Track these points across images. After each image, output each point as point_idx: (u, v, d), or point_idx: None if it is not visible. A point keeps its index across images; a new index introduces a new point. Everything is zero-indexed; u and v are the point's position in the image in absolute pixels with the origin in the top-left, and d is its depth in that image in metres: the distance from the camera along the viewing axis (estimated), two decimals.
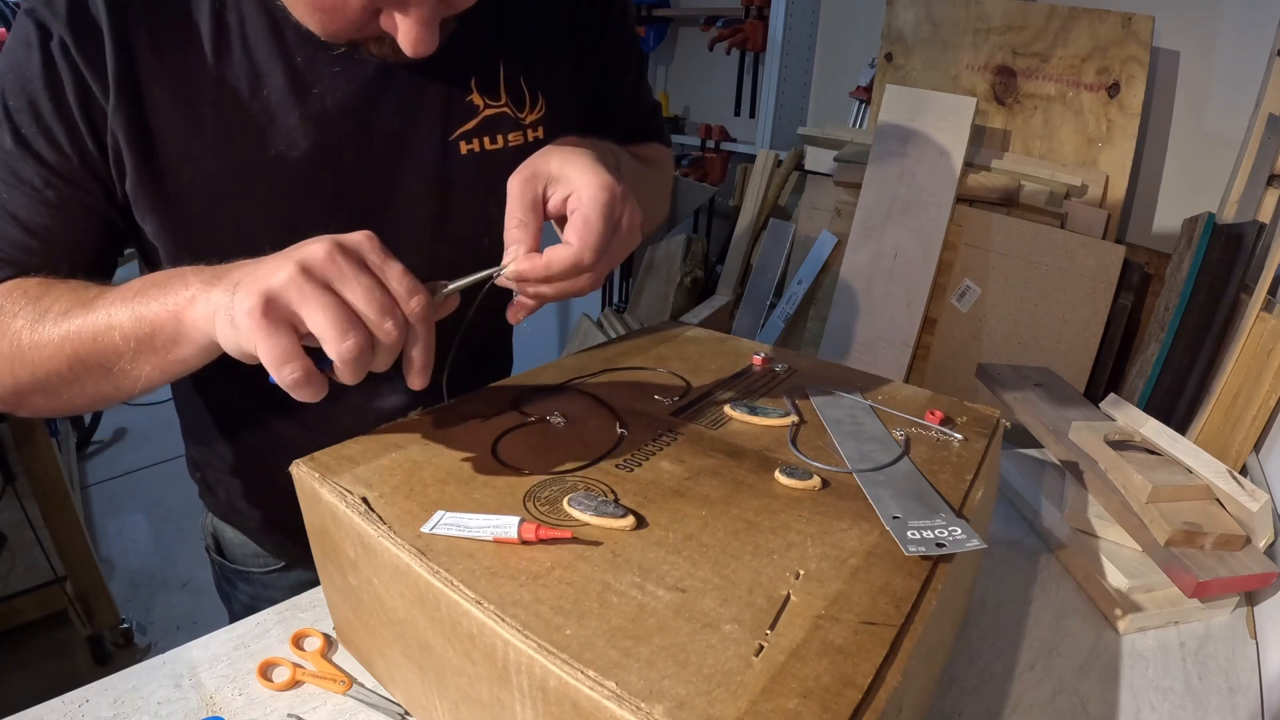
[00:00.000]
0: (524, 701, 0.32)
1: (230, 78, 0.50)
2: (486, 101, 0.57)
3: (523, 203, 0.45)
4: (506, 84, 0.58)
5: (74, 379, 0.46)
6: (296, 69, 0.51)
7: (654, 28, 2.32)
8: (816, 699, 0.28)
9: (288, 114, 0.51)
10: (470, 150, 0.58)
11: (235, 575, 0.76)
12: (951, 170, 1.35)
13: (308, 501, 0.45)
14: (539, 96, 0.60)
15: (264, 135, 0.51)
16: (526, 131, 0.60)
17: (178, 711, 0.46)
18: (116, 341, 0.43)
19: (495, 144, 0.58)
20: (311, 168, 0.53)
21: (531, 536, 0.37)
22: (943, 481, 0.45)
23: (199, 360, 0.44)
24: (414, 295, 0.39)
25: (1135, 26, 1.25)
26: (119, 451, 2.50)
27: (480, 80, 0.57)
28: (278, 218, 0.53)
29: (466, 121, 0.57)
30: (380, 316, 0.38)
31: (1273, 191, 1.02)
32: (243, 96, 0.50)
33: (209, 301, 0.40)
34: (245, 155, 0.51)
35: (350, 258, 0.38)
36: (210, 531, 0.76)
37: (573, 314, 2.67)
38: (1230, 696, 0.53)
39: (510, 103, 0.59)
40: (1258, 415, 0.77)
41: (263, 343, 0.36)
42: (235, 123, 0.51)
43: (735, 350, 0.65)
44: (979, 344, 1.37)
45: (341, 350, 0.37)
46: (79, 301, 0.46)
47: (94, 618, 1.57)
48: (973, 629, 0.57)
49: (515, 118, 0.59)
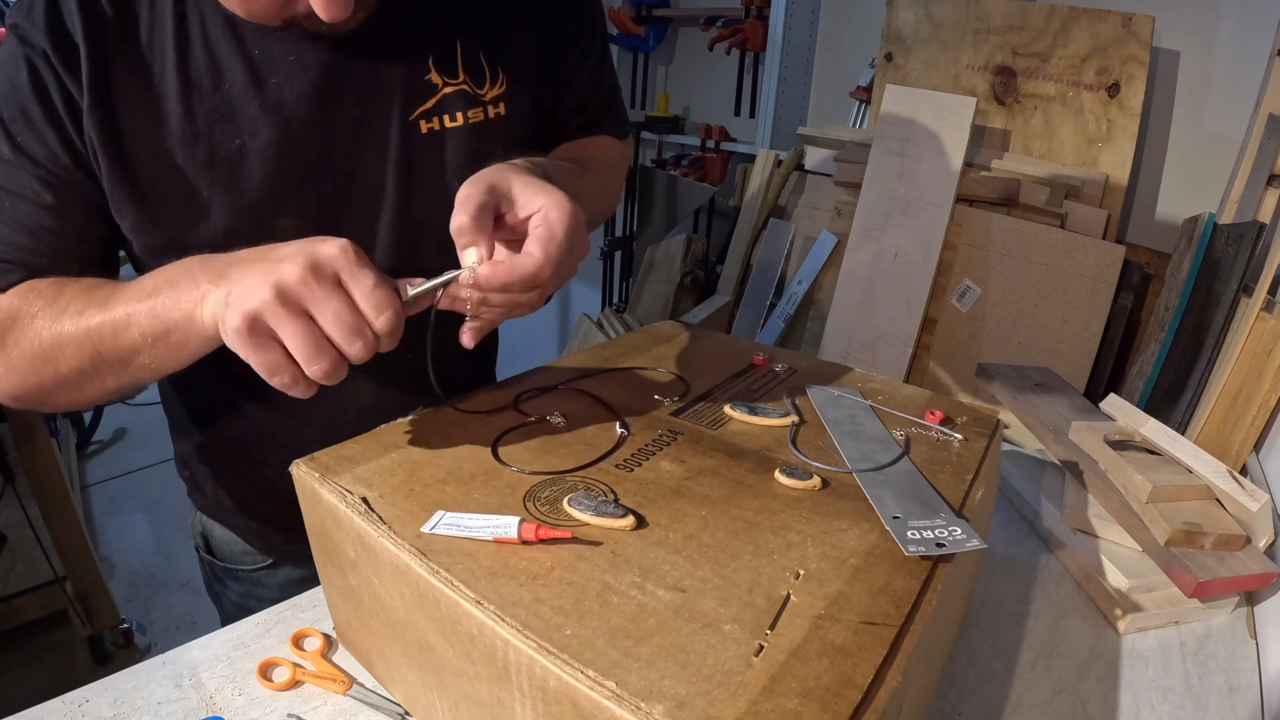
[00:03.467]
0: (524, 701, 0.32)
1: (193, 74, 0.52)
2: (445, 79, 0.58)
3: (476, 208, 0.43)
4: (465, 61, 0.59)
5: (95, 374, 0.49)
6: (254, 62, 0.53)
7: (654, 28, 2.31)
8: (817, 699, 0.28)
9: (248, 105, 0.53)
10: (430, 129, 0.58)
11: (225, 574, 0.76)
12: (951, 170, 1.35)
13: (307, 501, 0.45)
14: (499, 72, 0.60)
15: (227, 127, 0.53)
16: (487, 108, 0.60)
17: (178, 711, 0.46)
18: (135, 338, 0.46)
19: (455, 121, 0.59)
20: (275, 156, 0.55)
21: (532, 536, 0.37)
22: (943, 481, 0.45)
23: (207, 350, 0.46)
24: (382, 313, 0.41)
25: (1135, 26, 1.25)
26: (119, 451, 2.50)
27: (437, 58, 0.57)
28: (247, 206, 0.55)
29: (426, 100, 0.58)
30: (349, 339, 0.40)
31: (1273, 191, 1.02)
32: (205, 91, 0.52)
33: (214, 302, 0.42)
34: (211, 148, 0.53)
35: (323, 278, 0.40)
36: (199, 530, 0.76)
37: (573, 314, 2.68)
38: (1230, 696, 0.53)
39: (469, 80, 0.59)
40: (1258, 415, 0.77)
41: (252, 357, 0.40)
42: (200, 117, 0.53)
43: (735, 350, 0.65)
44: (979, 344, 1.37)
45: (312, 372, 0.40)
46: (95, 301, 0.48)
47: (94, 618, 1.57)
48: (973, 629, 0.57)
49: (475, 94, 0.60)
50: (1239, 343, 0.80)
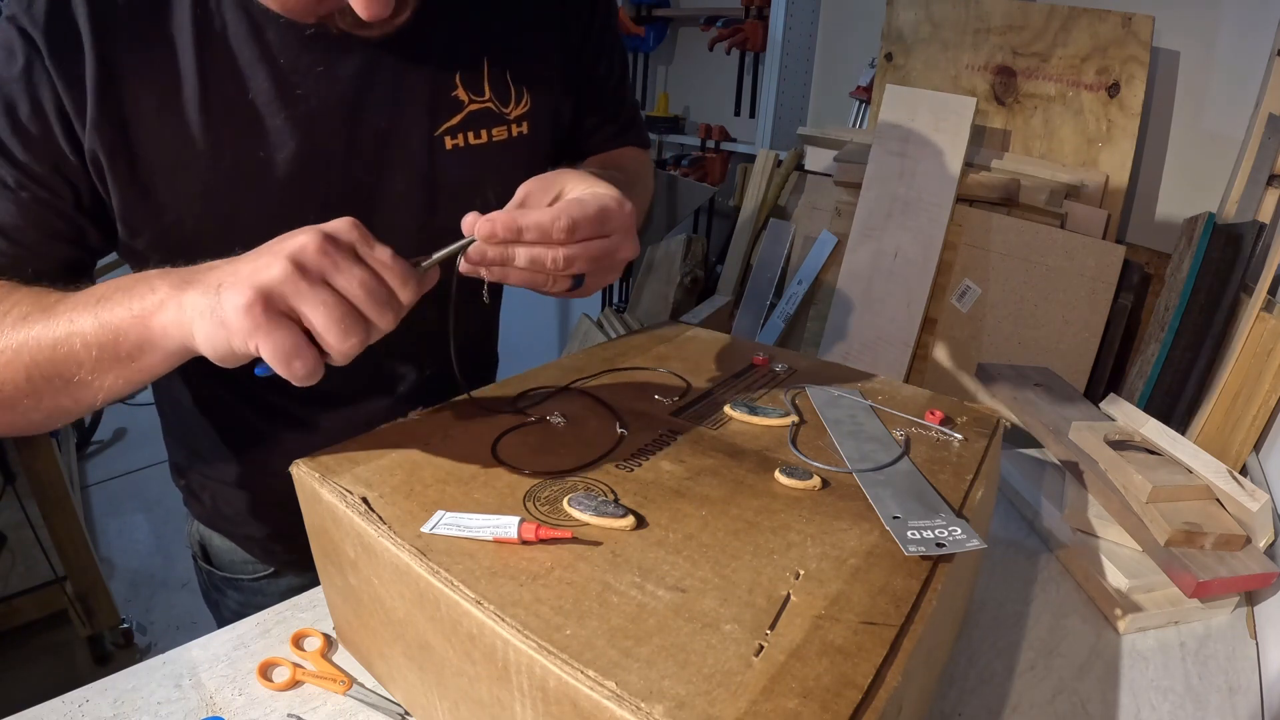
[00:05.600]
0: (524, 701, 0.32)
1: (215, 82, 0.50)
2: (471, 97, 0.58)
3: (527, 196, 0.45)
4: (491, 79, 0.59)
5: (31, 391, 0.44)
6: (280, 70, 0.51)
7: (654, 28, 2.31)
8: (817, 699, 0.28)
9: (274, 116, 0.52)
10: (456, 145, 0.58)
11: (224, 583, 0.75)
12: (951, 170, 1.35)
13: (307, 501, 0.45)
14: (523, 92, 0.61)
15: (251, 138, 0.52)
16: (511, 126, 0.60)
17: (178, 711, 0.46)
18: (77, 349, 0.41)
19: (480, 139, 0.59)
20: (300, 169, 0.53)
21: (531, 536, 0.37)
22: (943, 481, 0.45)
23: (164, 368, 0.43)
24: (406, 284, 0.39)
25: (1135, 26, 1.25)
26: (119, 451, 2.50)
27: (464, 76, 0.57)
28: (269, 219, 0.53)
29: (452, 117, 0.58)
30: (380, 311, 0.38)
31: (1273, 191, 1.02)
32: (228, 101, 0.50)
33: (182, 306, 0.39)
34: (235, 160, 0.52)
35: (341, 249, 0.38)
36: (197, 540, 0.75)
37: (573, 314, 2.68)
38: (1230, 696, 0.53)
39: (495, 98, 0.59)
40: (1258, 415, 0.77)
41: (265, 339, 0.36)
42: (223, 128, 0.51)
43: (735, 350, 0.65)
44: (979, 344, 1.37)
45: (344, 349, 0.37)
46: (40, 306, 0.44)
47: (94, 618, 1.57)
48: (973, 629, 0.57)
49: (500, 112, 0.60)
50: (1239, 343, 0.80)
